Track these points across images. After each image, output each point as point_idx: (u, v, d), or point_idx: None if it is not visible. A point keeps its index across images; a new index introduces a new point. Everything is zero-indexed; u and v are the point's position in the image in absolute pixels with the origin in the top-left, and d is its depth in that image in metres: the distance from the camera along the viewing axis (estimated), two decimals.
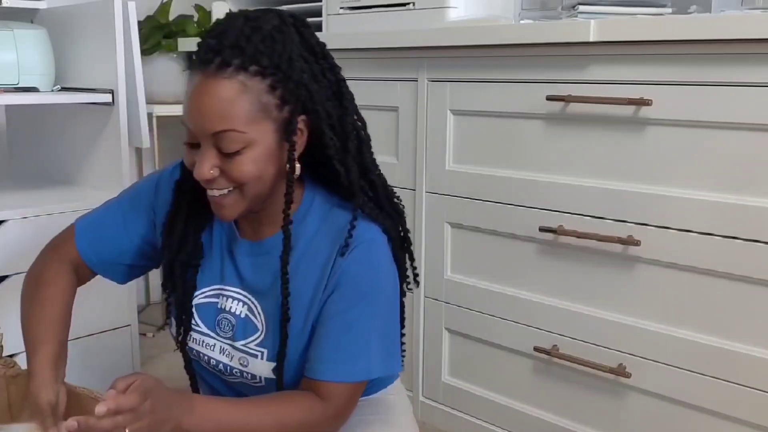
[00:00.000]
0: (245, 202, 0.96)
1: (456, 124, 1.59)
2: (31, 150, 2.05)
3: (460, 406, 1.68)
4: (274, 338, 1.02)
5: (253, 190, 0.95)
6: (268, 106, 0.92)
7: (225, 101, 0.90)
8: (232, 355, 1.05)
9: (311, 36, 0.98)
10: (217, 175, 0.93)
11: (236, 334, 1.05)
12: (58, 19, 1.83)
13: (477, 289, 1.59)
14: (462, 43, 1.51)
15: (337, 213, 1.02)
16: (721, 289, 1.25)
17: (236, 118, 0.90)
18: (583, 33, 1.30)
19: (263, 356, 1.03)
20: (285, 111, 0.93)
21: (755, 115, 1.18)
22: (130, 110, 1.70)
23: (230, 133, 0.90)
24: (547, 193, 1.44)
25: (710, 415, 1.29)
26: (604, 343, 1.40)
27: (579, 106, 1.37)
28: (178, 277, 1.06)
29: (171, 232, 1.06)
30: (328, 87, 0.98)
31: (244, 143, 0.91)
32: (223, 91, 0.90)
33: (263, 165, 0.94)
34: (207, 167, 0.92)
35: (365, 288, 0.99)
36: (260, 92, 0.91)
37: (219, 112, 0.90)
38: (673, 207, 1.28)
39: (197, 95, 0.91)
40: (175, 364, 2.10)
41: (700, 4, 1.50)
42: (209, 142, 0.92)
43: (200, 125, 0.91)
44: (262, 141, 0.92)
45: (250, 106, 0.91)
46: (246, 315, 1.05)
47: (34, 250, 1.55)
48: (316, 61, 0.97)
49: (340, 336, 0.99)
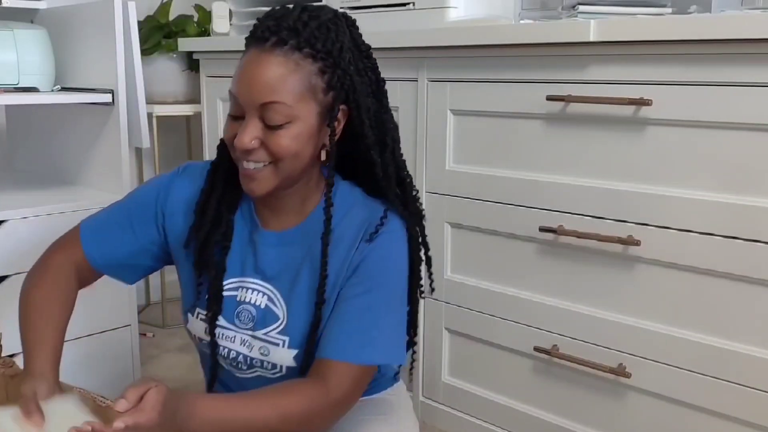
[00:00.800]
0: (277, 180, 0.99)
1: (456, 124, 1.59)
2: (31, 150, 2.05)
3: (460, 406, 1.68)
4: (297, 326, 1.04)
5: (287, 167, 0.99)
6: (316, 88, 0.97)
7: (277, 75, 0.95)
8: (252, 346, 1.07)
9: (359, 36, 1.04)
10: (256, 147, 0.97)
11: (256, 324, 1.06)
12: (58, 19, 1.83)
13: (477, 289, 1.59)
14: (462, 43, 1.51)
15: (360, 204, 1.06)
16: (721, 289, 1.25)
17: (285, 92, 0.95)
18: (583, 33, 1.30)
19: (285, 344, 1.04)
20: (329, 96, 0.99)
21: (755, 115, 1.18)
22: (130, 110, 1.70)
23: (278, 105, 0.95)
24: (547, 193, 1.44)
25: (710, 415, 1.29)
26: (604, 343, 1.40)
27: (579, 106, 1.37)
28: (210, 257, 1.07)
29: (204, 213, 1.08)
30: (369, 84, 1.04)
31: (288, 118, 0.96)
32: (276, 65, 0.95)
33: (302, 143, 0.98)
34: (249, 137, 0.96)
35: (382, 276, 1.02)
36: (310, 73, 0.96)
37: (270, 85, 0.95)
38: (673, 207, 1.28)
39: (250, 67, 0.97)
40: (175, 364, 2.11)
41: (700, 4, 1.50)
42: (255, 114, 0.96)
43: (249, 96, 0.96)
44: (305, 120, 0.97)
45: (300, 84, 0.96)
46: (266, 305, 1.06)
47: (34, 250, 1.55)
48: (361, 59, 1.03)
49: (352, 319, 1.01)
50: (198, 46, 2.19)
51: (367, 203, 1.07)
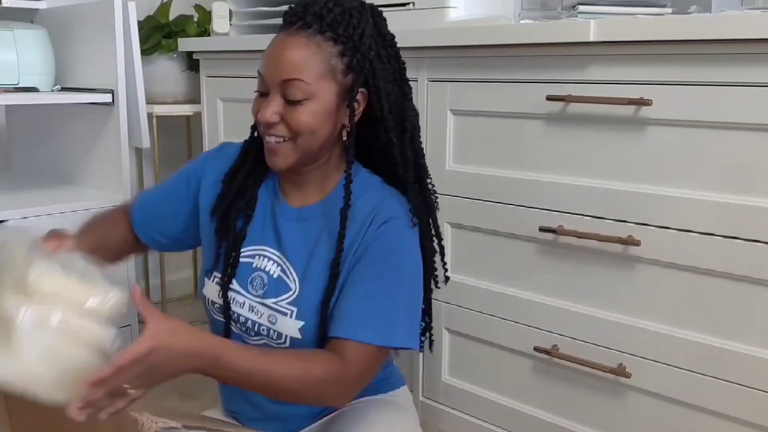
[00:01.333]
0: (296, 155, 1.06)
1: (456, 124, 1.59)
2: (31, 150, 2.05)
3: (460, 406, 1.68)
4: (307, 298, 1.08)
5: (305, 143, 1.05)
6: (335, 69, 1.04)
7: (299, 54, 1.02)
8: (262, 313, 1.10)
9: (383, 26, 1.10)
10: (277, 121, 1.04)
11: (267, 292, 1.11)
12: (58, 19, 1.83)
13: (477, 289, 1.59)
14: (462, 43, 1.51)
15: (377, 188, 1.11)
16: (721, 289, 1.25)
17: (305, 71, 1.02)
18: (583, 33, 1.30)
19: (293, 315, 1.08)
20: (349, 78, 1.05)
21: (755, 115, 1.18)
22: (130, 110, 1.70)
23: (298, 82, 1.02)
24: (547, 193, 1.44)
25: (710, 415, 1.29)
26: (604, 343, 1.40)
27: (579, 106, 1.37)
28: (232, 224, 1.14)
29: (231, 182, 1.16)
30: (391, 71, 1.10)
31: (307, 95, 1.03)
32: (299, 46, 1.03)
33: (320, 120, 1.04)
34: (270, 112, 1.03)
35: (396, 260, 1.06)
36: (331, 55, 1.03)
37: (292, 63, 1.02)
38: (673, 207, 1.28)
39: (277, 47, 1.04)
40: None
41: (700, 4, 1.50)
42: (277, 90, 1.03)
43: (273, 73, 1.03)
44: (324, 98, 1.04)
45: (320, 64, 1.03)
46: (279, 275, 1.11)
47: None
48: (384, 47, 1.09)
49: (368, 299, 1.04)
50: (198, 46, 2.19)
51: (384, 188, 1.12)
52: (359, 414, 1.16)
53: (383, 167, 1.13)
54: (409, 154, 1.11)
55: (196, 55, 2.24)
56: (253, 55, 2.02)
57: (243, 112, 2.13)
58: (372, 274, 1.05)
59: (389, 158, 1.11)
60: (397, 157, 1.10)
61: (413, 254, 1.09)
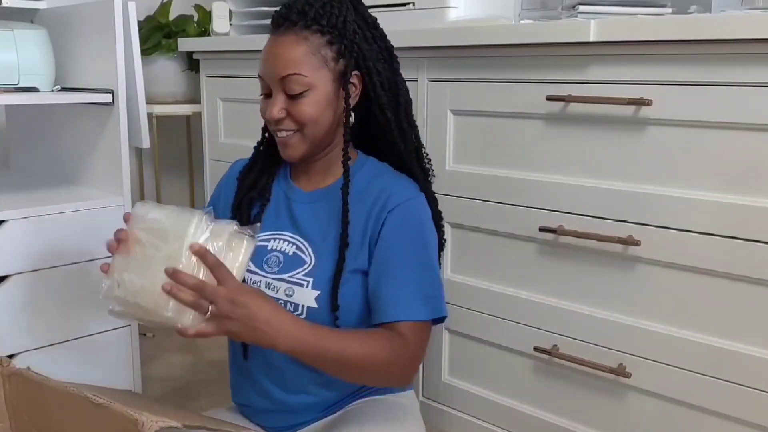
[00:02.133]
0: (305, 144, 1.15)
1: (456, 124, 1.59)
2: (31, 150, 2.05)
3: (460, 406, 1.68)
4: (323, 270, 1.15)
5: (312, 132, 1.14)
6: (326, 58, 1.12)
7: (291, 50, 1.10)
8: (278, 288, 1.17)
9: (365, 9, 1.20)
10: (284, 116, 1.13)
11: (282, 268, 1.18)
12: (58, 19, 1.83)
13: (477, 289, 1.59)
14: (462, 43, 1.51)
15: (386, 171, 1.21)
16: (721, 289, 1.25)
17: (300, 64, 1.10)
18: (583, 33, 1.30)
19: (309, 285, 1.15)
20: (340, 64, 1.13)
21: (755, 115, 1.18)
22: (130, 110, 1.70)
23: (295, 76, 1.10)
24: (547, 193, 1.44)
25: (710, 415, 1.29)
26: (604, 343, 1.40)
27: (579, 106, 1.37)
28: (245, 212, 1.23)
29: (245, 177, 1.26)
30: (379, 51, 1.18)
31: (306, 86, 1.11)
32: (289, 43, 1.11)
33: (322, 108, 1.13)
34: (276, 109, 1.12)
35: (420, 236, 1.16)
36: (320, 45, 1.11)
37: (286, 60, 1.10)
38: (673, 207, 1.28)
39: (270, 49, 1.13)
40: (175, 363, 2.11)
41: (700, 4, 1.50)
42: (279, 88, 1.12)
43: (271, 72, 1.12)
44: (321, 86, 1.12)
45: (312, 56, 1.11)
46: (294, 252, 1.19)
47: (34, 250, 1.55)
48: (368, 29, 1.18)
49: (410, 279, 1.13)
50: (198, 46, 2.19)
51: (393, 172, 1.21)
52: (368, 413, 1.18)
53: (389, 155, 1.23)
54: (405, 127, 1.21)
55: (196, 55, 2.24)
56: (253, 55, 2.02)
57: (243, 112, 2.14)
58: (406, 256, 1.13)
59: (389, 137, 1.20)
60: (395, 131, 1.20)
61: (432, 228, 1.19)
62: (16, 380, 1.14)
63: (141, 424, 0.92)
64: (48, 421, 1.11)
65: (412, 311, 1.11)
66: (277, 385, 1.20)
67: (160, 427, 0.92)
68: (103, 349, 1.69)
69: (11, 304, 1.53)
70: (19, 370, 1.15)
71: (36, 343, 1.58)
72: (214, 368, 2.06)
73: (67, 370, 1.49)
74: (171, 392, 1.93)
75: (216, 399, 1.86)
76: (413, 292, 1.12)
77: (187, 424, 0.97)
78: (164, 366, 2.08)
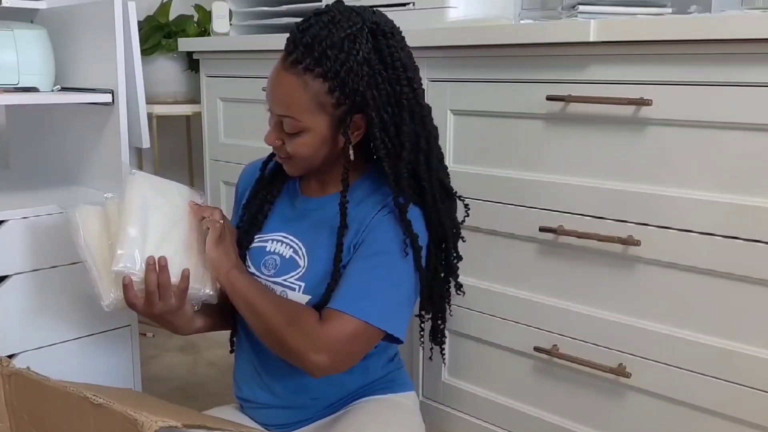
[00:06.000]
0: (301, 169, 1.18)
1: (456, 124, 1.59)
2: (31, 150, 2.05)
3: (460, 406, 1.68)
4: (313, 275, 1.16)
5: (304, 164, 1.16)
6: (325, 105, 1.09)
7: (288, 93, 1.09)
8: (274, 290, 1.18)
9: (387, 47, 1.10)
10: (279, 145, 1.14)
11: (278, 271, 1.19)
12: (58, 19, 1.82)
13: (477, 289, 1.59)
14: (462, 43, 1.51)
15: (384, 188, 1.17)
16: (721, 289, 1.25)
17: (295, 108, 1.09)
18: (583, 33, 1.30)
19: (300, 289, 1.16)
20: (340, 110, 1.10)
21: (755, 115, 1.18)
22: (130, 110, 1.69)
23: (289, 119, 1.10)
24: (547, 193, 1.44)
25: (710, 415, 1.29)
26: (604, 343, 1.40)
27: (579, 106, 1.37)
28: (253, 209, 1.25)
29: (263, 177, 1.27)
30: (388, 95, 1.10)
31: (299, 129, 1.10)
32: (288, 84, 1.09)
33: (315, 148, 1.13)
34: (272, 137, 1.15)
35: (386, 245, 1.12)
36: (319, 92, 1.08)
37: (282, 100, 1.10)
38: (673, 207, 1.28)
39: (272, 80, 1.12)
40: (175, 363, 2.11)
41: (700, 4, 1.50)
42: (277, 119, 1.13)
43: (270, 105, 1.13)
44: (317, 130, 1.11)
45: (308, 102, 1.08)
46: (290, 256, 1.19)
47: (34, 250, 1.55)
48: (384, 70, 1.09)
49: (356, 277, 1.11)
50: (198, 46, 2.19)
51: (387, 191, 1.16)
52: (369, 412, 1.19)
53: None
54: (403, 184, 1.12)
55: (196, 55, 2.24)
56: (253, 55, 2.02)
57: (243, 112, 2.14)
58: (367, 254, 1.12)
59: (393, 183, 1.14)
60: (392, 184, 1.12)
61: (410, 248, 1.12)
62: (16, 380, 1.14)
63: (141, 424, 0.92)
64: (48, 421, 1.11)
65: (347, 303, 1.08)
66: (279, 381, 1.21)
67: (160, 426, 0.92)
68: (103, 349, 1.69)
69: (11, 304, 1.53)
70: (19, 370, 1.15)
71: (36, 343, 1.57)
72: (214, 368, 2.06)
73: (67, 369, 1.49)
74: (171, 392, 1.93)
75: (216, 399, 1.86)
76: (358, 290, 1.10)
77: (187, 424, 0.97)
78: (164, 366, 2.08)
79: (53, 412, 1.09)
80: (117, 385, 1.58)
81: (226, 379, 1.34)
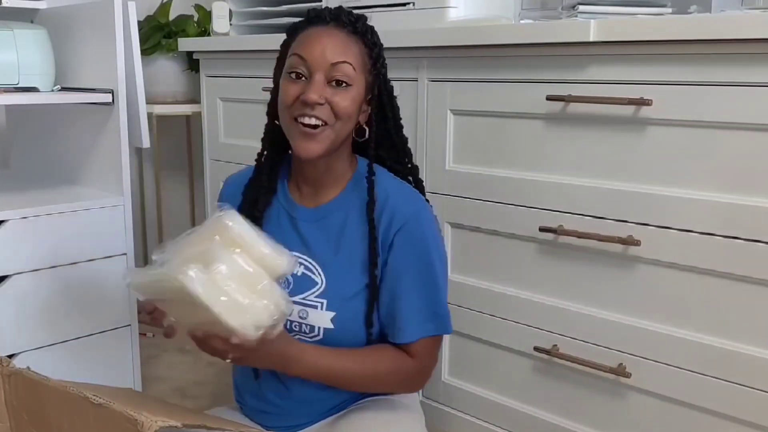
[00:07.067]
0: (329, 143, 1.12)
1: (456, 124, 1.59)
2: (31, 150, 2.05)
3: (460, 406, 1.68)
4: (335, 290, 1.15)
5: (340, 130, 1.12)
6: (366, 66, 1.14)
7: (346, 42, 1.12)
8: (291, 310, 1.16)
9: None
10: (323, 103, 1.10)
11: (293, 290, 1.16)
12: (58, 19, 1.83)
13: (477, 289, 1.59)
14: (462, 43, 1.51)
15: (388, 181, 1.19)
16: (721, 289, 1.25)
17: (352, 56, 1.12)
18: (583, 33, 1.30)
19: (322, 306, 1.15)
20: (372, 76, 1.15)
21: (755, 115, 1.18)
22: (130, 110, 1.69)
23: (345, 65, 1.11)
24: (547, 193, 1.44)
25: (710, 415, 1.29)
26: (604, 343, 1.40)
27: (579, 106, 1.37)
28: None
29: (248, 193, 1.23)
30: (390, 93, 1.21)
31: (351, 79, 1.11)
32: (343, 37, 1.12)
33: (355, 108, 1.13)
34: (318, 93, 1.09)
35: (424, 256, 1.16)
36: (364, 53, 1.14)
37: (341, 48, 1.11)
38: (673, 207, 1.28)
39: (321, 35, 1.11)
40: (175, 363, 2.11)
41: (700, 4, 1.50)
42: (323, 74, 1.10)
43: (321, 56, 1.10)
44: (359, 87, 1.13)
45: (359, 56, 1.13)
46: (303, 273, 1.17)
47: (34, 250, 1.55)
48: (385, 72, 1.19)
49: (418, 299, 1.15)
50: (198, 46, 2.19)
51: (394, 179, 1.21)
52: (370, 411, 1.18)
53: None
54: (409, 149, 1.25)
55: (196, 55, 2.24)
56: (252, 55, 2.02)
57: (243, 112, 2.14)
58: (413, 279, 1.15)
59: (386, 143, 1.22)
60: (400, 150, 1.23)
61: (439, 241, 1.19)
62: (16, 380, 1.14)
63: (141, 424, 0.92)
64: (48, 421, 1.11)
65: (421, 331, 1.16)
66: (280, 391, 1.21)
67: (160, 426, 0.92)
68: (103, 349, 1.69)
69: (11, 304, 1.53)
70: (19, 370, 1.15)
71: (36, 343, 1.58)
72: (214, 368, 2.05)
73: (67, 369, 1.49)
74: (171, 392, 1.93)
75: (216, 399, 1.86)
76: (423, 312, 1.16)
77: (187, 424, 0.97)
78: (164, 366, 2.08)
79: (53, 412, 1.09)
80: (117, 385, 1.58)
81: (226, 379, 1.34)
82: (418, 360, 1.17)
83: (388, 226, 1.15)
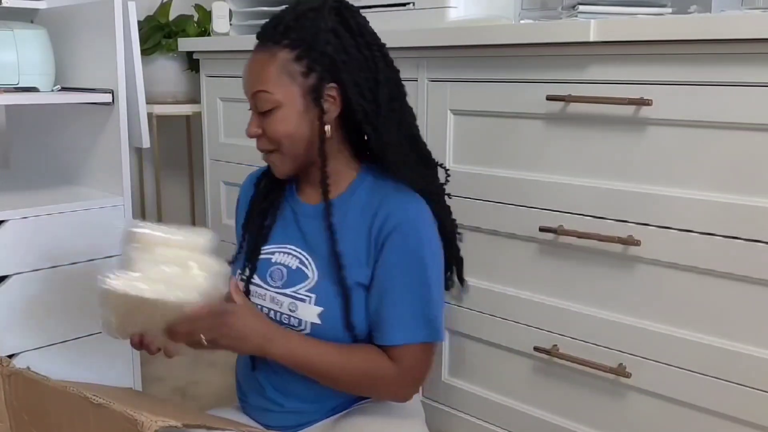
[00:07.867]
0: (287, 161, 1.14)
1: (456, 124, 1.59)
2: (31, 150, 2.05)
3: (460, 406, 1.68)
4: (324, 287, 1.15)
5: (289, 150, 1.12)
6: (294, 74, 1.09)
7: (259, 68, 1.10)
8: (282, 302, 1.17)
9: (352, 17, 1.13)
10: (260, 133, 1.13)
11: (286, 283, 1.18)
12: (58, 19, 1.83)
13: (477, 289, 1.59)
14: (462, 43, 1.51)
15: (386, 185, 1.17)
16: (721, 289, 1.25)
17: (266, 81, 1.09)
18: (583, 33, 1.30)
19: (311, 301, 1.15)
20: (311, 78, 1.10)
21: (755, 115, 1.18)
22: (130, 110, 1.70)
23: (261, 93, 1.10)
24: (547, 193, 1.44)
25: (710, 415, 1.29)
26: (604, 343, 1.40)
27: (579, 106, 1.37)
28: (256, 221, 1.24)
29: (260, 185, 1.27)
30: (361, 60, 1.11)
31: (274, 103, 1.10)
32: (258, 60, 1.11)
33: (293, 124, 1.11)
34: (252, 127, 1.13)
35: (418, 260, 1.13)
36: (287, 61, 1.09)
37: (254, 77, 1.11)
38: (673, 207, 1.28)
39: (247, 65, 1.13)
40: (175, 363, 2.11)
41: (700, 4, 1.50)
42: (252, 105, 1.12)
43: (247, 89, 1.13)
44: (290, 103, 1.10)
45: (277, 72, 1.09)
46: (298, 267, 1.18)
47: (34, 250, 1.55)
48: (352, 38, 1.11)
49: (407, 304, 1.13)
50: (198, 46, 2.19)
51: (395, 184, 1.16)
52: (370, 411, 1.19)
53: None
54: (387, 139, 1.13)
55: (196, 55, 2.24)
56: None
57: (243, 112, 2.13)
58: (404, 281, 1.12)
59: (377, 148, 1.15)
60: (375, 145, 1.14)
61: (433, 246, 1.16)
62: (16, 380, 1.14)
63: (141, 424, 0.92)
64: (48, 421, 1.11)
65: (406, 336, 1.13)
66: (282, 390, 1.21)
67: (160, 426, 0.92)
68: (103, 349, 1.69)
69: (11, 304, 1.53)
70: (19, 370, 1.15)
71: (36, 343, 1.58)
72: (214, 368, 2.06)
73: (67, 369, 1.49)
74: (171, 392, 1.93)
75: (216, 399, 1.86)
76: (410, 316, 1.13)
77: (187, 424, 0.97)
78: (164, 366, 2.08)
79: (53, 412, 1.09)
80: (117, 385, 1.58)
81: (226, 379, 1.34)
82: (398, 365, 1.13)
83: (381, 227, 1.13)
